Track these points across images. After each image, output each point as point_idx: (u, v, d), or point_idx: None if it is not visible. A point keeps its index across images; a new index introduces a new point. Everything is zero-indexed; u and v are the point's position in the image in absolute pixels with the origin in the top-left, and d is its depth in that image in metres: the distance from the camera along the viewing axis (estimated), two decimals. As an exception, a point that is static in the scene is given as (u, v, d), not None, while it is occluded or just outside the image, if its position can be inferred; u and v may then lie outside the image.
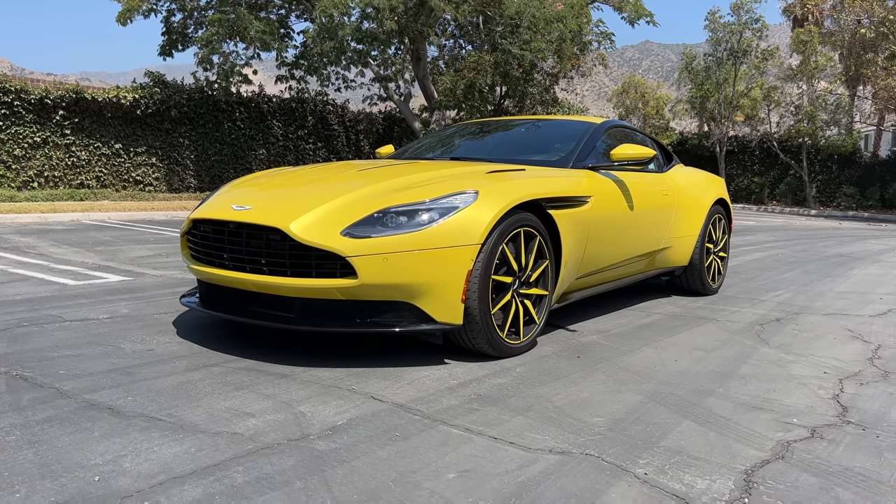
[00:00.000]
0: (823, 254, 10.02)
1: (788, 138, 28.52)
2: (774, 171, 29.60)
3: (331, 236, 3.20)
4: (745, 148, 30.15)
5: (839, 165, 28.42)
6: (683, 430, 2.62)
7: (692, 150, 31.17)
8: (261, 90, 17.80)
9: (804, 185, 28.09)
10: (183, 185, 16.54)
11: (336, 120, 19.84)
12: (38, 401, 2.71)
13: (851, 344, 4.20)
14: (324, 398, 2.86)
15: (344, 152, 20.04)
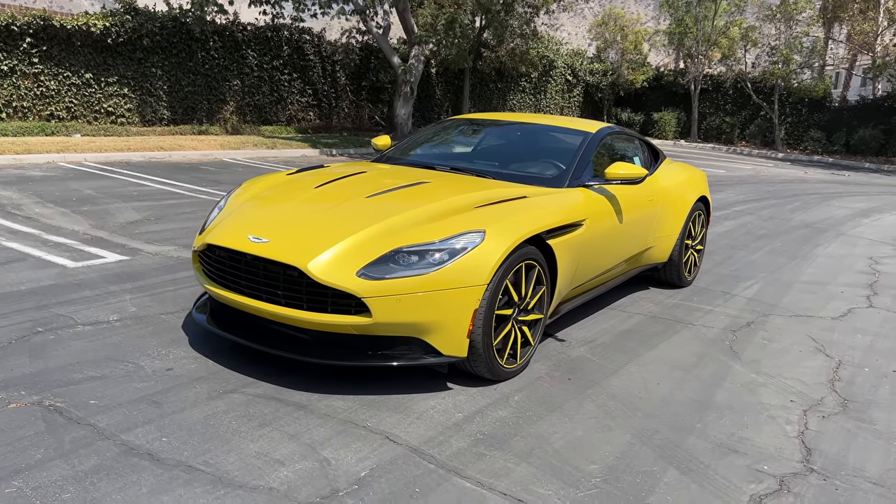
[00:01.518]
0: (790, 222, 10.44)
1: (762, 79, 28.67)
2: (746, 112, 29.86)
3: (347, 277, 3.38)
4: (720, 87, 30.27)
5: (809, 109, 28.76)
6: (669, 482, 2.94)
7: (667, 87, 31.19)
8: (235, 18, 17.26)
9: (774, 128, 28.47)
10: (156, 117, 16.21)
11: (312, 50, 19.38)
12: (79, 443, 2.92)
13: (815, 359, 4.57)
14: (343, 439, 3.11)
15: (320, 84, 19.69)
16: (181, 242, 6.43)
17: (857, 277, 7.07)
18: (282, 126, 18.52)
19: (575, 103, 30.32)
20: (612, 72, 30.12)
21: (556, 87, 28.80)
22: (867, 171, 24.07)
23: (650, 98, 31.33)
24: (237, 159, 13.51)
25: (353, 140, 17.59)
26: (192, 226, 7.16)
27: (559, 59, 28.18)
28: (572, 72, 29.33)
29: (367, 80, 20.88)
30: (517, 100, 27.14)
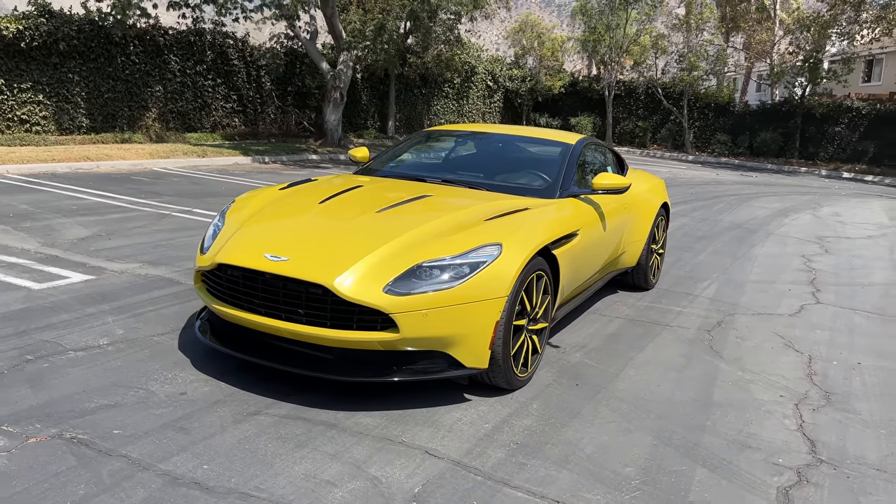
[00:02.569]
0: (721, 223, 11.01)
1: (672, 85, 29.99)
2: (657, 116, 31.18)
3: (374, 293, 3.39)
4: (632, 93, 31.48)
5: (715, 114, 30.32)
6: (701, 480, 3.11)
7: (582, 93, 32.17)
8: (156, 22, 16.66)
9: (683, 131, 29.84)
10: (74, 125, 15.43)
11: (236, 55, 18.93)
12: (119, 476, 2.82)
13: (787, 355, 4.89)
14: (385, 456, 3.13)
15: (245, 89, 19.25)
16: (143, 259, 6.20)
17: (797, 275, 7.56)
18: (207, 133, 18.01)
19: (496, 109, 30.82)
20: (531, 78, 30.79)
21: (477, 92, 29.20)
22: (770, 171, 25.58)
23: (566, 103, 32.22)
24: (169, 169, 13.07)
25: (283, 147, 17.30)
26: (148, 241, 6.91)
27: (480, 66, 28.59)
28: (493, 78, 29.81)
29: (292, 86, 20.58)
30: (441, 105, 27.36)
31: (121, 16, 14.79)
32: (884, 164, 26.93)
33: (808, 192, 18.07)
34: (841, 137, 28.10)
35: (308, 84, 20.37)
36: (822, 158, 28.29)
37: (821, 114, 28.16)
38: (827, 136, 28.29)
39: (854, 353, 5.03)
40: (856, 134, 27.85)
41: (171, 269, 5.95)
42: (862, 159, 27.42)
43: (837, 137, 28.16)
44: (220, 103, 18.75)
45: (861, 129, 27.74)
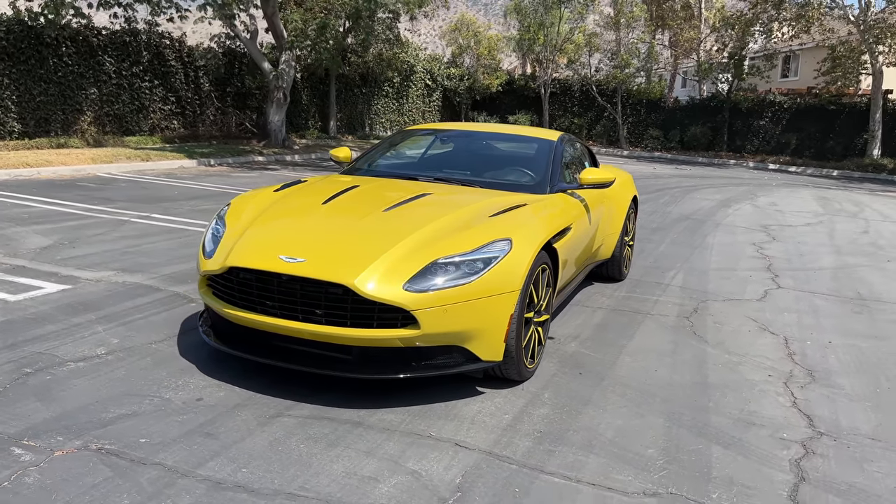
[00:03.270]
0: (671, 215, 11.41)
1: (606, 83, 30.74)
2: (592, 113, 31.93)
3: (395, 291, 3.43)
4: (567, 90, 32.13)
5: (647, 109, 31.25)
6: (720, 457, 3.28)
7: (519, 91, 32.63)
8: (89, 22, 16.06)
9: (618, 127, 30.65)
10: (5, 130, 14.73)
11: (173, 55, 18.43)
12: (160, 484, 2.78)
13: (764, 337, 5.15)
14: (417, 450, 3.18)
15: (183, 91, 18.76)
16: (115, 267, 6.03)
17: (754, 262, 7.92)
18: (146, 136, 17.49)
19: (435, 107, 30.92)
20: (469, 76, 31.03)
21: (416, 91, 29.25)
22: (702, 164, 26.55)
23: (504, 102, 32.62)
24: (113, 174, 12.66)
25: (227, 149, 16.96)
26: (114, 248, 6.72)
27: (419, 65, 28.65)
28: (431, 77, 29.91)
29: (231, 87, 20.19)
30: (381, 104, 27.30)
31: (53, 15, 14.22)
32: (805, 156, 28.33)
33: (741, 183, 18.84)
34: (765, 131, 29.39)
35: (248, 84, 20.02)
36: (748, 151, 29.54)
37: (746, 108, 29.39)
38: (752, 129, 29.54)
39: (823, 333, 5.33)
40: (779, 127, 29.18)
41: (148, 275, 5.81)
42: (785, 151, 28.75)
43: (762, 131, 29.44)
44: (158, 105, 18.23)
45: (783, 122, 29.09)
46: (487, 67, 31.23)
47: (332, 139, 23.18)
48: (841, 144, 27.90)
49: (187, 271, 6.00)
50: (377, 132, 27.08)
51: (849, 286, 6.96)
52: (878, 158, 25.74)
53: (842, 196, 16.69)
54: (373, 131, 26.86)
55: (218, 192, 11.02)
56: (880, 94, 26.00)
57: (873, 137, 26.27)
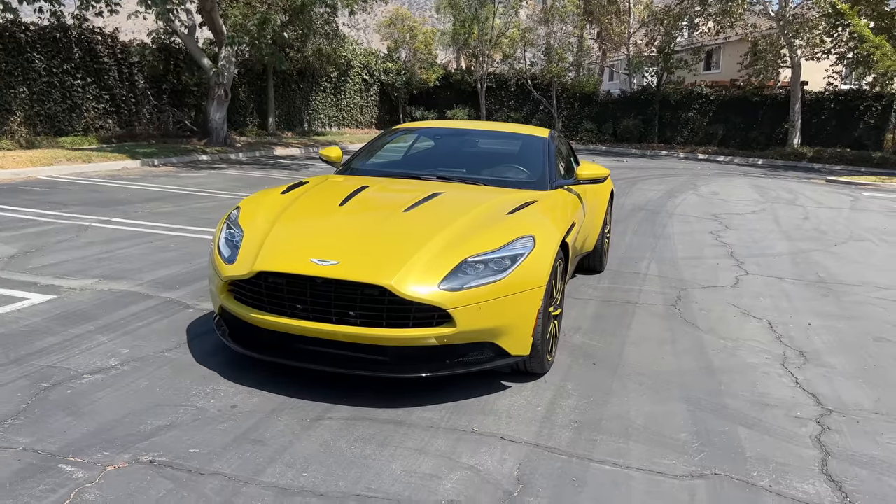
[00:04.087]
0: (625, 207, 11.76)
1: (541, 77, 31.24)
2: (527, 107, 32.39)
3: (431, 291, 3.48)
4: (503, 85, 32.49)
5: (581, 103, 31.94)
6: (748, 437, 3.46)
7: (456, 85, 32.79)
8: (15, 17, 15.28)
9: (553, 120, 31.20)
10: (-72, 132, 13.94)
11: (106, 52, 17.74)
12: (225, 493, 2.76)
13: (749, 322, 5.42)
14: (466, 446, 3.24)
15: (117, 88, 18.09)
16: (95, 275, 5.84)
17: (716, 250, 8.28)
18: (80, 136, 16.80)
19: (372, 102, 30.80)
20: (406, 71, 30.99)
21: (354, 86, 29.06)
22: (636, 156, 27.36)
23: (441, 96, 32.71)
24: (55, 177, 12.14)
25: (169, 148, 16.47)
26: (86, 255, 6.49)
27: (356, 59, 28.43)
28: (368, 71, 29.76)
29: (167, 84, 19.58)
30: (320, 100, 27.00)
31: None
32: (731, 145, 29.53)
33: (679, 173, 19.52)
34: (694, 122, 30.48)
35: (185, 81, 19.47)
36: (678, 142, 30.56)
37: (675, 101, 30.40)
38: (681, 121, 30.59)
39: (801, 316, 5.64)
40: (706, 118, 30.31)
41: (132, 282, 5.65)
42: (713, 141, 29.89)
43: (690, 122, 30.52)
44: (92, 104, 17.54)
45: (710, 113, 30.23)
46: (424, 62, 31.26)
47: (272, 136, 22.79)
48: (764, 134, 29.20)
49: (172, 276, 5.87)
50: (316, 128, 26.78)
51: (809, 270, 7.37)
52: (799, 147, 27.07)
53: (774, 184, 17.51)
54: (312, 127, 26.54)
55: (172, 194, 10.73)
56: (799, 85, 27.33)
57: (793, 127, 27.61)
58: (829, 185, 18.43)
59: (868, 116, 28.13)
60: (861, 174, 22.14)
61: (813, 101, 28.33)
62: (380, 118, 31.88)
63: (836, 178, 19.71)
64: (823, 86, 28.86)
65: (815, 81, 29.87)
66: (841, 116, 28.34)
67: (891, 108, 28.22)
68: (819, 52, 26.92)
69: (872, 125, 28.16)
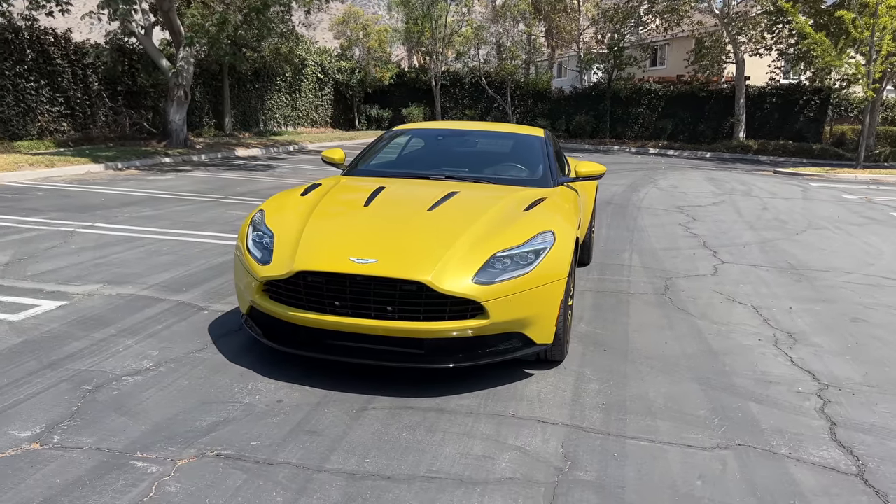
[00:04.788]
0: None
1: (495, 74, 31.62)
2: (482, 104, 32.74)
3: (467, 285, 3.69)
4: (458, 82, 32.76)
5: (534, 99, 32.44)
6: (760, 412, 3.77)
7: (410, 83, 32.93)
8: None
9: (508, 117, 31.61)
10: None
11: (59, 53, 17.33)
12: (299, 481, 2.92)
13: (736, 307, 5.77)
14: (508, 429, 3.46)
15: (72, 91, 17.69)
16: (98, 280, 5.85)
17: (690, 241, 8.68)
18: (35, 141, 16.40)
19: (327, 101, 30.71)
20: (360, 69, 30.99)
21: (309, 85, 28.94)
22: (589, 151, 27.93)
23: (396, 94, 32.83)
24: (20, 182, 11.89)
25: (131, 151, 16.19)
26: (82, 261, 6.49)
27: (310, 58, 28.32)
28: (322, 70, 29.66)
29: (122, 85, 19.23)
30: (275, 99, 26.81)
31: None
32: (680, 139, 30.42)
33: (635, 168, 20.09)
34: (643, 117, 31.28)
35: (141, 83, 19.15)
36: (629, 137, 31.33)
37: (625, 97, 31.14)
38: (632, 116, 31.36)
39: (781, 301, 6.03)
40: (655, 113, 31.14)
41: (138, 286, 5.69)
42: (662, 136, 30.72)
43: (640, 117, 31.32)
44: (46, 107, 17.12)
45: (659, 108, 31.07)
46: (378, 60, 31.30)
47: (229, 137, 22.58)
48: (711, 128, 30.17)
49: (175, 280, 5.92)
50: (271, 128, 26.60)
51: (778, 258, 7.81)
52: (744, 140, 28.07)
53: (726, 176, 18.20)
54: (268, 127, 26.35)
55: (146, 198, 10.64)
56: (743, 81, 28.32)
57: (739, 121, 28.61)
58: (778, 176, 19.23)
59: (808, 110, 29.34)
60: (803, 165, 23.13)
61: (756, 96, 29.40)
62: (335, 117, 31.83)
63: (783, 170, 20.57)
64: (766, 81, 29.99)
65: (758, 76, 31.00)
66: (782, 110, 29.50)
67: (828, 101, 29.52)
68: (761, 48, 27.96)
69: (812, 118, 29.39)
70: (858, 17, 19.70)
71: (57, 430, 3.27)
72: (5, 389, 3.68)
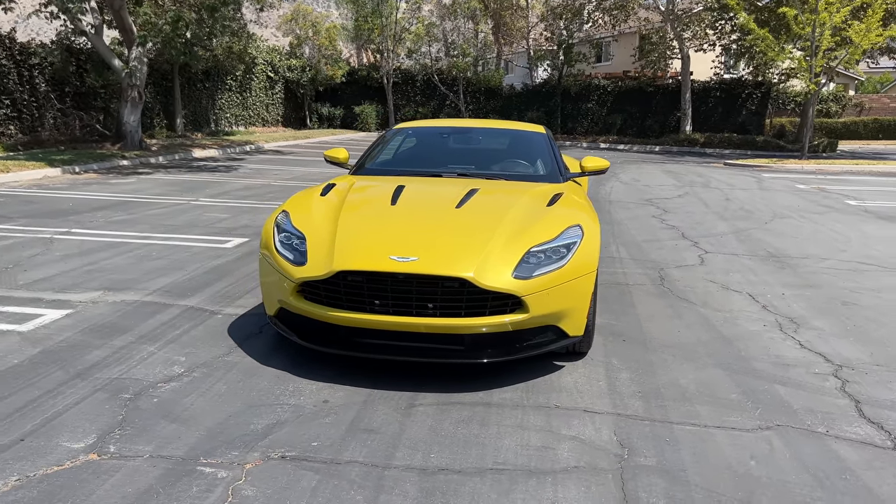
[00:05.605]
0: (565, 196, 12.31)
1: (447, 71, 31.71)
2: (435, 101, 32.83)
3: (507, 280, 3.76)
4: (410, 80, 32.75)
5: (486, 96, 32.68)
6: (787, 393, 3.94)
7: (361, 81, 32.77)
8: None
9: (461, 114, 31.76)
10: None
11: (4, 54, 16.64)
12: (371, 478, 2.93)
13: (732, 295, 5.98)
14: (558, 420, 3.54)
15: (18, 92, 17.01)
16: (94, 286, 5.71)
17: (669, 233, 8.92)
18: (-19, 144, 15.74)
19: (278, 100, 30.31)
20: (311, 67, 30.66)
21: (259, 84, 28.51)
22: (543, 146, 28.27)
23: (347, 92, 32.64)
24: (-24, 188, 11.42)
25: (87, 154, 15.68)
26: (72, 268, 6.30)
27: (260, 56, 27.89)
28: (273, 68, 29.25)
29: (70, 86, 18.60)
30: (226, 99, 26.33)
31: None
32: (629, 134, 31.11)
33: (593, 162, 20.41)
34: (593, 113, 31.86)
35: (91, 83, 18.56)
36: (580, 132, 31.86)
37: (575, 93, 31.66)
38: (582, 112, 31.90)
39: (772, 287, 6.27)
40: (604, 109, 31.76)
41: (140, 292, 5.57)
42: (612, 131, 31.36)
43: (590, 113, 31.88)
44: (-9, 109, 16.45)
45: (608, 104, 31.69)
46: (329, 58, 31.03)
47: (182, 137, 22.08)
48: (658, 122, 30.94)
49: (175, 284, 5.82)
50: (223, 128, 26.11)
51: (756, 247, 8.11)
52: (691, 133, 28.87)
53: (681, 169, 18.71)
54: (219, 127, 25.86)
55: (115, 202, 10.36)
56: (688, 76, 29.11)
57: (685, 115, 29.40)
58: (729, 168, 19.86)
59: (750, 103, 30.36)
60: (749, 157, 23.96)
61: (701, 90, 30.26)
62: (286, 116, 31.44)
63: (732, 162, 21.25)
64: (710, 76, 30.88)
65: (703, 71, 31.87)
66: (726, 104, 30.45)
67: (769, 95, 30.60)
68: (705, 44, 28.79)
69: (754, 111, 30.43)
70: (800, 13, 20.48)
71: (110, 440, 3.20)
72: (41, 401, 3.58)
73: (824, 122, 36.66)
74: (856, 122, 37.24)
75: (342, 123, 32.49)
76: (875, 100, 41.55)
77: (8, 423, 3.35)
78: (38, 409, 3.49)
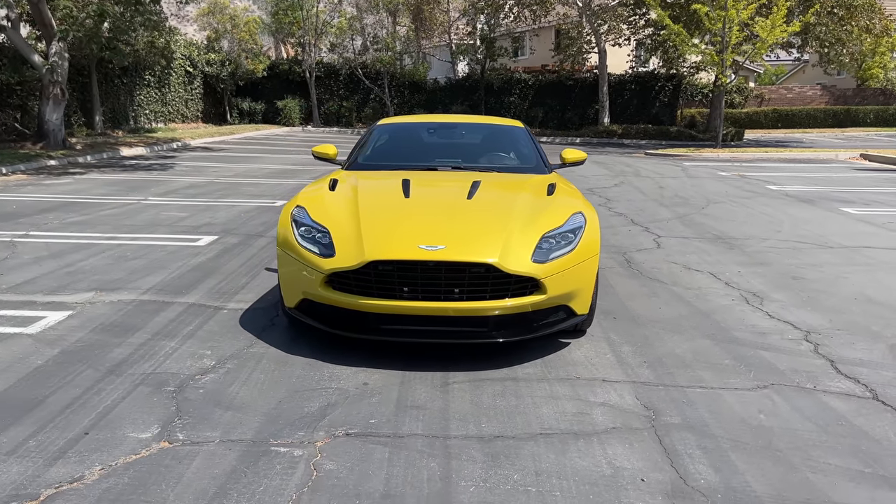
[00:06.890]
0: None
1: (371, 65, 31.72)
2: (359, 96, 32.78)
3: (528, 264, 4.07)
4: (333, 74, 32.57)
5: (411, 90, 32.89)
6: (773, 357, 4.41)
7: (283, 75, 32.35)
8: None
9: (387, 108, 31.86)
10: None
11: (-90, 49, 15.71)
12: (438, 448, 3.18)
13: (695, 274, 6.49)
14: (582, 390, 3.88)
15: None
16: (83, 287, 5.67)
17: (620, 220, 9.46)
18: None
19: (197, 95, 29.60)
20: (231, 62, 30.04)
21: (178, 79, 27.76)
22: (469, 139, 28.76)
23: (268, 87, 32.14)
24: None
25: (11, 155, 14.98)
26: (48, 270, 6.21)
27: (178, 51, 27.14)
28: (191, 63, 28.52)
29: (-18, 84, 17.69)
30: (144, 95, 25.52)
31: None
32: (551, 126, 31.97)
33: (523, 154, 21.00)
34: (516, 106, 32.56)
35: (6, 80, 17.69)
36: (503, 125, 32.46)
37: (498, 87, 32.28)
38: (505, 105, 32.54)
39: (728, 266, 6.84)
40: (526, 102, 32.52)
41: (134, 292, 5.58)
42: (534, 123, 32.11)
43: (513, 106, 32.57)
44: None
45: (530, 97, 32.48)
46: (250, 52, 30.48)
47: (104, 135, 21.32)
48: (578, 115, 31.96)
49: (166, 283, 5.85)
50: (143, 124, 25.31)
51: (702, 230, 8.72)
52: (609, 125, 29.96)
53: (608, 160, 19.52)
54: (139, 124, 25.06)
55: (61, 203, 10.05)
56: (605, 69, 30.20)
57: (603, 108, 30.47)
58: (651, 157, 20.85)
59: (662, 95, 31.79)
60: (665, 147, 25.15)
61: (617, 83, 31.44)
62: (205, 111, 30.71)
63: (653, 152, 22.29)
64: (625, 69, 32.11)
65: (618, 65, 33.07)
66: (641, 96, 31.77)
67: (679, 87, 32.11)
68: (621, 38, 29.92)
69: (666, 103, 31.88)
70: (711, 9, 21.67)
71: (175, 429, 3.32)
72: (86, 398, 3.64)
73: (729, 113, 38.66)
74: (758, 113, 39.47)
75: (264, 118, 31.99)
76: (773, 91, 44.12)
77: (63, 419, 3.41)
78: (87, 406, 3.56)
